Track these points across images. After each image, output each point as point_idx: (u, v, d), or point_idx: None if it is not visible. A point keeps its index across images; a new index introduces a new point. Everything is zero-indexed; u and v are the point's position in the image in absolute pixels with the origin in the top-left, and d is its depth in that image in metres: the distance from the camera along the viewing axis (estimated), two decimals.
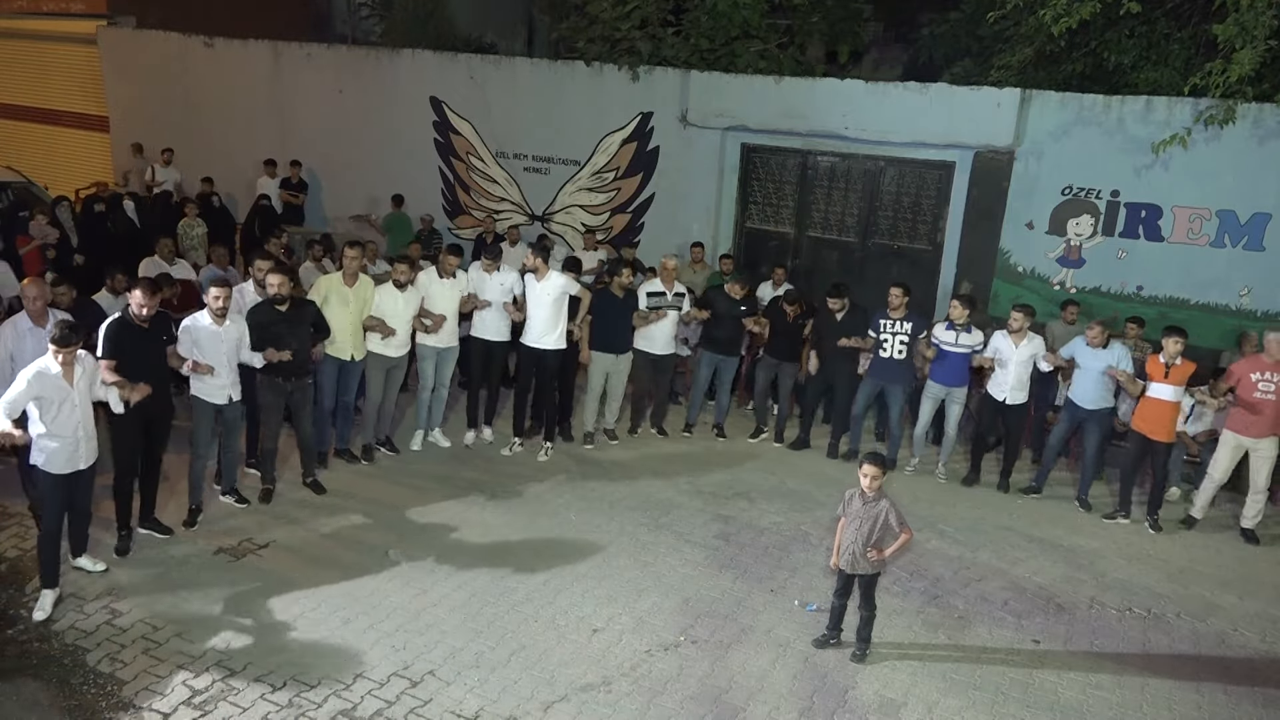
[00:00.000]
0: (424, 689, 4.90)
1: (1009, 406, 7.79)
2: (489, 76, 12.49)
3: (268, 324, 6.57)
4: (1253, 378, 7.09)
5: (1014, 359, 7.65)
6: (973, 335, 7.82)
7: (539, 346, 7.80)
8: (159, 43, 14.47)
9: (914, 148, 10.57)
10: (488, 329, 7.91)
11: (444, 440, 8.15)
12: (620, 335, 8.15)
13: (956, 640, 5.71)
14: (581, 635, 5.46)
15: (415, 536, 6.50)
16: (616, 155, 12.07)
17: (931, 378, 8.01)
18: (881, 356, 8.02)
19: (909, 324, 7.94)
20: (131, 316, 5.85)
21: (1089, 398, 7.56)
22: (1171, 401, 7.25)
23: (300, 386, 6.85)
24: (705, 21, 11.64)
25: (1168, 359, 7.21)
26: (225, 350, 6.31)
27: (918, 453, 8.32)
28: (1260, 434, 7.13)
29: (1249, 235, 9.39)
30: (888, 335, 7.97)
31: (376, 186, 13.16)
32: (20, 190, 12.30)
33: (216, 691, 4.78)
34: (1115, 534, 7.29)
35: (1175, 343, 7.17)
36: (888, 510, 5.17)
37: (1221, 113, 8.95)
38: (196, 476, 6.48)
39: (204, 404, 6.40)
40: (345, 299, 7.19)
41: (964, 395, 7.98)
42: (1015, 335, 7.67)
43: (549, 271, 7.71)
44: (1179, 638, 5.91)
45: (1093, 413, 7.59)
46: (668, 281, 8.38)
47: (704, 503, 7.36)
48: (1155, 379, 7.28)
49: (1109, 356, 7.44)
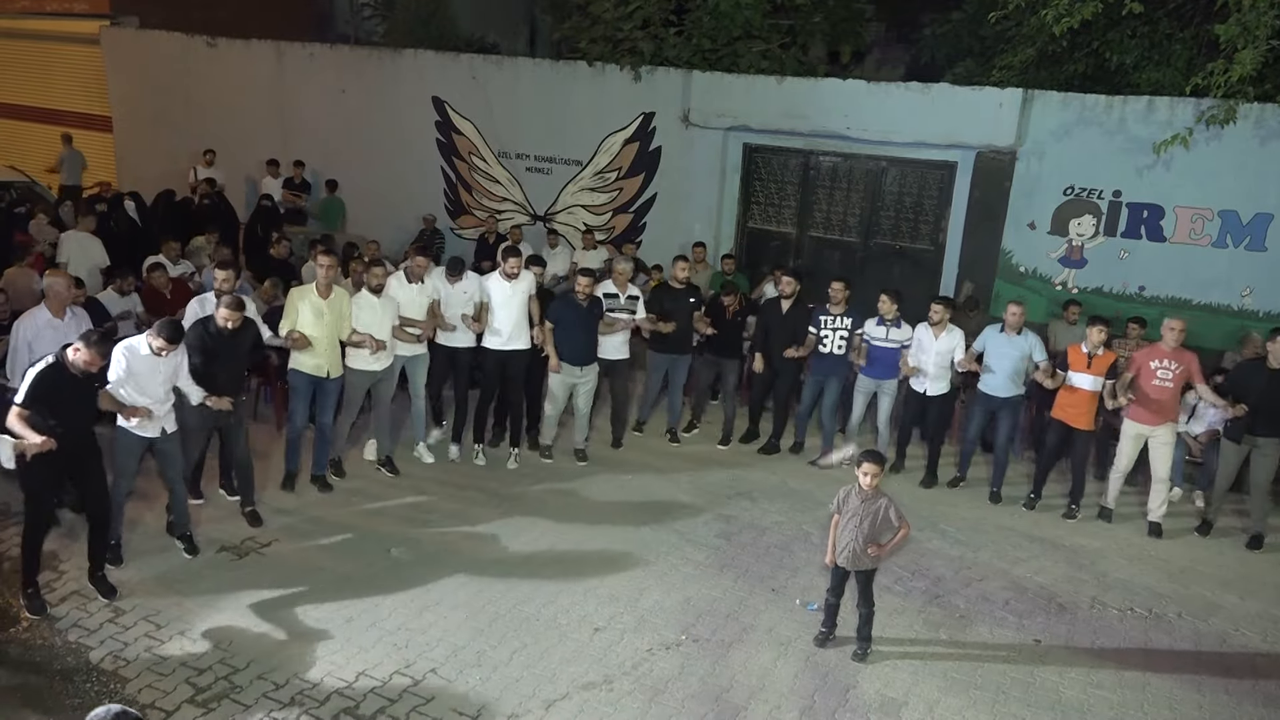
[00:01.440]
0: (426, 687, 4.91)
1: (930, 398, 7.85)
2: (491, 76, 12.51)
3: (214, 349, 6.05)
4: (1152, 366, 7.15)
5: (933, 349, 7.71)
6: (902, 330, 7.92)
7: (509, 349, 7.57)
8: (162, 43, 14.49)
9: (916, 148, 10.58)
10: (454, 335, 7.63)
11: (428, 456, 7.81)
12: (584, 346, 7.70)
13: (958, 639, 5.71)
14: (583, 634, 5.47)
15: (417, 535, 6.51)
16: (619, 155, 12.08)
17: (862, 372, 8.10)
18: (821, 352, 8.13)
19: (848, 319, 8.05)
20: (70, 365, 5.16)
21: (1001, 387, 7.58)
22: (1091, 391, 7.25)
23: (233, 405, 6.22)
24: (707, 22, 11.65)
25: (1091, 348, 7.24)
26: (162, 380, 5.69)
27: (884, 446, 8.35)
28: (1158, 421, 7.18)
29: (1251, 235, 9.39)
30: (828, 331, 8.09)
31: (379, 186, 13.18)
32: (24, 190, 12.34)
33: (219, 689, 4.79)
34: (1117, 534, 7.29)
35: (1100, 332, 7.21)
36: (887, 506, 5.19)
37: (1223, 113, 8.95)
38: (117, 507, 5.78)
39: (131, 437, 5.69)
40: (319, 311, 6.70)
41: (894, 388, 8.06)
42: (935, 327, 7.73)
43: (522, 271, 7.54)
44: (1180, 637, 5.91)
45: (1005, 401, 7.62)
46: (620, 286, 8.06)
47: (706, 502, 7.36)
48: (1077, 368, 7.28)
49: (1022, 344, 7.48)
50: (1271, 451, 7.05)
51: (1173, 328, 7.12)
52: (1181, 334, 7.14)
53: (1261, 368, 7.05)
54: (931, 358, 7.72)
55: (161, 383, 5.68)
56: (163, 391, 5.71)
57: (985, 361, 7.58)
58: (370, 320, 6.94)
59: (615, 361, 8.12)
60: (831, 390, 8.23)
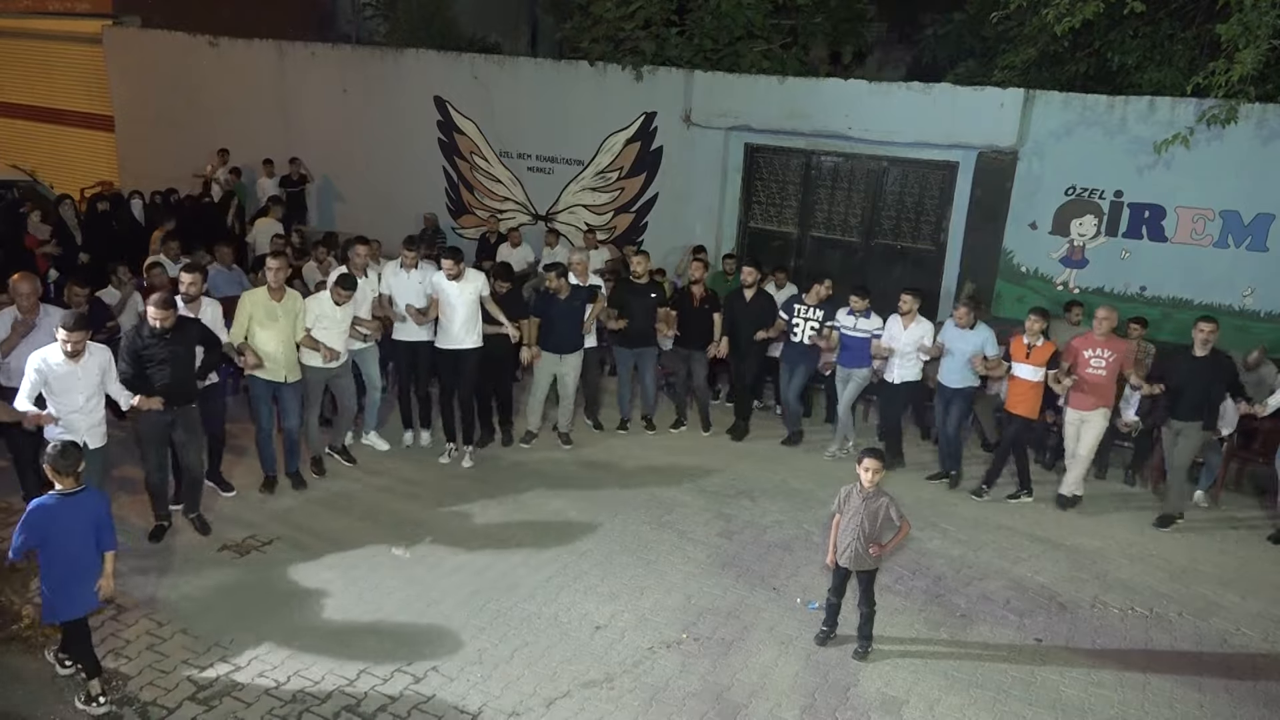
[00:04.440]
0: (427, 684, 4.91)
1: (898, 386, 8.02)
2: (493, 76, 12.52)
3: (144, 351, 5.76)
4: (1085, 354, 7.35)
5: (901, 339, 7.90)
6: (871, 320, 8.12)
7: (459, 348, 7.57)
8: (164, 42, 14.52)
9: (917, 148, 10.58)
10: (409, 329, 7.60)
11: (381, 443, 7.92)
12: (565, 336, 7.99)
13: (958, 638, 5.71)
14: (584, 632, 5.48)
15: (418, 534, 6.51)
16: (620, 155, 12.08)
17: (838, 362, 8.34)
18: (792, 341, 8.40)
19: (819, 311, 8.31)
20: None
21: (954, 378, 7.76)
22: (1034, 381, 7.42)
23: (184, 413, 6.05)
24: (709, 21, 11.65)
25: (1030, 339, 7.43)
26: (84, 388, 5.36)
27: (851, 437, 8.55)
28: (1092, 406, 7.38)
29: (1252, 236, 9.39)
30: (799, 320, 8.34)
31: (380, 185, 13.20)
32: (26, 189, 12.36)
33: (221, 687, 4.80)
34: (1117, 534, 7.29)
35: (1036, 322, 7.41)
36: (888, 505, 5.19)
37: (1224, 113, 8.95)
38: None
39: None
40: (273, 314, 6.58)
41: (864, 376, 8.26)
42: (905, 317, 7.92)
43: (467, 272, 7.50)
44: (1181, 637, 5.91)
45: (958, 391, 7.79)
46: (580, 277, 8.22)
47: (706, 501, 7.37)
48: (1018, 359, 7.49)
49: (975, 338, 7.64)
50: (1191, 434, 7.25)
51: (1104, 318, 7.32)
52: (1112, 323, 7.34)
53: (1187, 355, 7.27)
54: (901, 347, 7.91)
55: (82, 391, 5.35)
56: (83, 400, 5.37)
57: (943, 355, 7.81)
58: (328, 314, 6.89)
59: (584, 350, 8.30)
60: (799, 376, 8.54)
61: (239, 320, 6.56)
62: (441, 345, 7.62)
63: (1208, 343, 7.10)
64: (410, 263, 7.53)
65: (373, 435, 7.96)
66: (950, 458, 7.99)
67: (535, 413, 8.28)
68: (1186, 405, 7.18)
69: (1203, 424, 7.19)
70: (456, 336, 7.55)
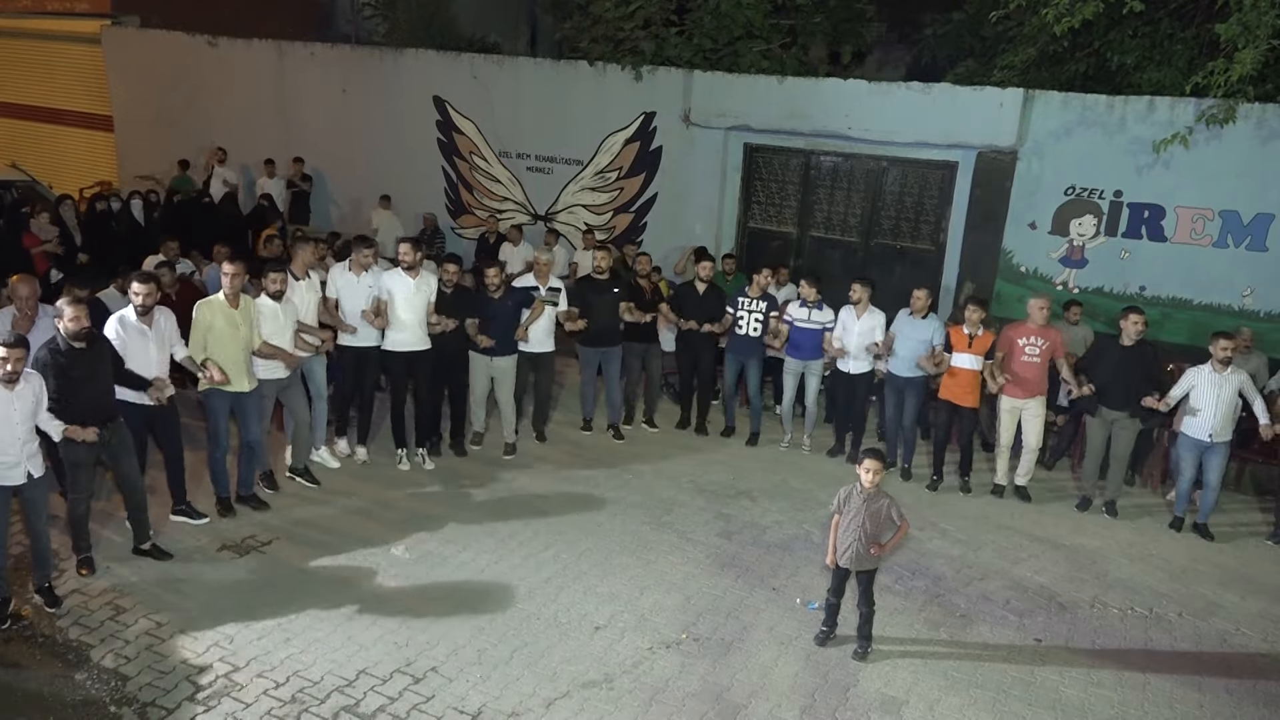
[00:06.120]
0: (426, 685, 4.91)
1: (854, 376, 8.09)
2: (492, 76, 12.52)
3: (67, 369, 5.33)
4: (1020, 343, 7.47)
5: (855, 329, 7.94)
6: (824, 313, 8.17)
7: (414, 349, 7.36)
8: (163, 42, 14.52)
9: (917, 148, 10.58)
10: (359, 336, 7.25)
11: (332, 461, 7.54)
12: (497, 338, 7.61)
13: (958, 638, 5.71)
14: (583, 632, 5.47)
15: (418, 534, 6.51)
16: (619, 155, 12.09)
17: (789, 354, 8.34)
18: (738, 333, 8.41)
19: (763, 303, 8.37)
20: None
21: (905, 367, 7.80)
22: (974, 370, 7.55)
23: (115, 429, 5.68)
24: (708, 21, 11.66)
25: (970, 329, 7.54)
26: (17, 418, 5.02)
27: (788, 429, 8.64)
28: (1028, 395, 7.51)
29: (1252, 236, 9.39)
30: (744, 313, 8.36)
31: (380, 185, 13.19)
32: (25, 189, 12.36)
33: (220, 687, 4.79)
34: (1117, 534, 7.29)
35: (975, 312, 7.53)
36: (889, 505, 5.19)
37: (1223, 112, 8.96)
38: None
39: None
40: (233, 323, 6.25)
41: (820, 368, 8.32)
42: (857, 307, 7.96)
43: (423, 272, 7.34)
44: (1181, 637, 5.91)
45: (910, 381, 7.82)
46: (542, 278, 7.94)
47: (706, 501, 7.37)
48: (959, 349, 7.58)
49: (925, 328, 7.71)
50: (1127, 425, 7.36)
51: (1040, 306, 7.44)
52: (1047, 312, 7.45)
53: (1115, 345, 7.33)
54: (854, 338, 7.97)
55: (18, 420, 5.03)
56: (23, 431, 5.07)
57: (894, 344, 7.84)
58: (272, 328, 6.56)
59: (539, 355, 8.04)
60: (754, 370, 8.58)
61: (196, 333, 6.20)
62: (391, 348, 7.35)
63: (1139, 334, 7.21)
64: (363, 264, 7.21)
65: (323, 452, 7.53)
66: (904, 448, 8.01)
67: (479, 414, 8.09)
68: (1117, 395, 7.26)
69: (1129, 413, 7.28)
70: (407, 339, 7.32)
